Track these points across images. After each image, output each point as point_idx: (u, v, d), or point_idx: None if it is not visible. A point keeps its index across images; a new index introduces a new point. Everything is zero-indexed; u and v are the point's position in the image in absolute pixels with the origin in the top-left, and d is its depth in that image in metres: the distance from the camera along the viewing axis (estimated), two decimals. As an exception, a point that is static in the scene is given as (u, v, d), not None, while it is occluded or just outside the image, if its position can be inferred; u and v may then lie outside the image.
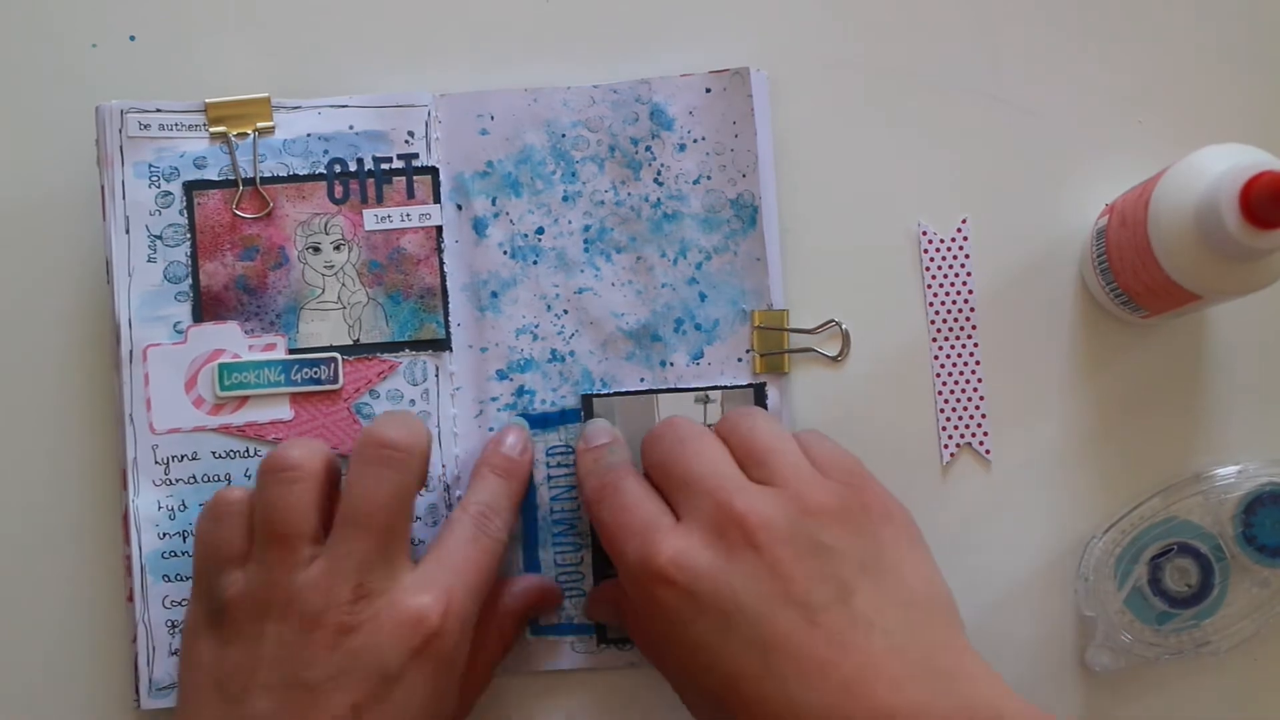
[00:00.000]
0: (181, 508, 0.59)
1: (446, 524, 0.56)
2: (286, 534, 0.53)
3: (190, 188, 0.60)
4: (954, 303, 0.61)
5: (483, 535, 0.56)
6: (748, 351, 0.61)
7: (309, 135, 0.60)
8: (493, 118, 0.61)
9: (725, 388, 0.61)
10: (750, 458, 0.55)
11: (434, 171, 0.61)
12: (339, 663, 0.52)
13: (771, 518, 0.52)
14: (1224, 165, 0.51)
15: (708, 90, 0.61)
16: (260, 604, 0.53)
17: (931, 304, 0.61)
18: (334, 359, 0.60)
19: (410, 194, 0.61)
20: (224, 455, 0.59)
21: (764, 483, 0.54)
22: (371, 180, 0.61)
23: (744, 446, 0.55)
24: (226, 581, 0.53)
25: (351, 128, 0.61)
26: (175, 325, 0.60)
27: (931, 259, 0.62)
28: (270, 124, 0.60)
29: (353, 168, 0.60)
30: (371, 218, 0.60)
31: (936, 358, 0.61)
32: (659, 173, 0.61)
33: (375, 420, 0.56)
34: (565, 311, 0.61)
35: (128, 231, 0.60)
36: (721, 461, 0.55)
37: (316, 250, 0.60)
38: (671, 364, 0.61)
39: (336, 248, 0.60)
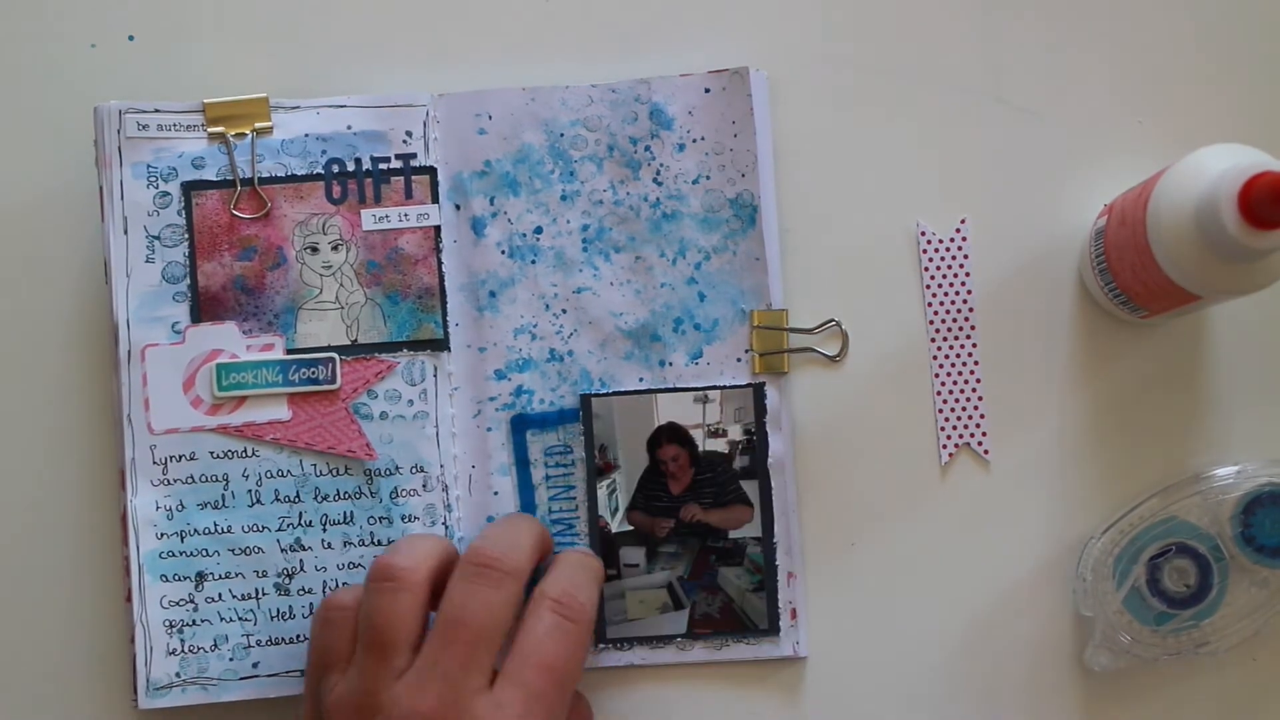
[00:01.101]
0: (179, 508, 0.59)
1: (529, 612, 0.55)
2: (382, 643, 0.53)
3: (188, 188, 0.60)
4: (953, 303, 0.61)
5: (565, 623, 0.55)
6: (747, 351, 0.61)
7: (307, 135, 0.60)
8: (491, 117, 0.61)
9: (724, 387, 0.60)
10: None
11: (432, 171, 0.61)
12: None
13: None
14: (1223, 165, 0.51)
15: (707, 90, 0.61)
16: (354, 710, 0.53)
17: (930, 304, 0.61)
18: (332, 359, 0.60)
19: (408, 194, 0.61)
20: (222, 455, 0.59)
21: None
22: (369, 180, 0.60)
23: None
24: (329, 685, 0.54)
25: (349, 128, 0.60)
26: (173, 325, 0.59)
27: (931, 259, 0.62)
28: (268, 124, 0.60)
29: (351, 168, 0.60)
30: (369, 218, 0.60)
31: (935, 358, 0.61)
32: (658, 172, 0.61)
33: (486, 530, 0.56)
34: (564, 311, 0.61)
35: (126, 232, 0.60)
36: None
37: (314, 250, 0.60)
38: (670, 364, 0.61)
39: (334, 248, 0.60)
